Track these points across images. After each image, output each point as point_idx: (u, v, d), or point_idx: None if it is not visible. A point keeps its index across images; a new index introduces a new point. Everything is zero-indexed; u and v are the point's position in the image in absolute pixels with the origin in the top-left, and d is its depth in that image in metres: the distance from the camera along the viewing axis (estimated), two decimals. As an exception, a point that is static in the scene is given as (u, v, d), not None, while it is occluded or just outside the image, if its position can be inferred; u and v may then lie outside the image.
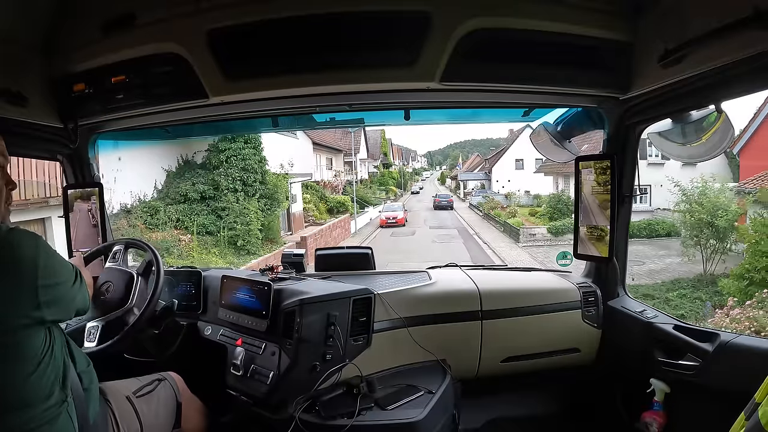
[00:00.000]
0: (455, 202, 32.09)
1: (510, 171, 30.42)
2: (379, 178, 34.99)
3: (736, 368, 1.38)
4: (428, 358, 1.78)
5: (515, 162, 30.36)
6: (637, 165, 1.82)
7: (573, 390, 2.08)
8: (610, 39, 1.42)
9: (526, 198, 24.84)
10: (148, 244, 1.69)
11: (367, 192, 25.48)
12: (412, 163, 75.52)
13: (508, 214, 19.28)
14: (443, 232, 17.98)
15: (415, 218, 22.80)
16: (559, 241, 13.98)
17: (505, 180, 29.95)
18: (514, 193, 25.89)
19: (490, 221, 20.01)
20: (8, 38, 1.37)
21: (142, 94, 1.52)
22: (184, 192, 10.05)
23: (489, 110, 1.99)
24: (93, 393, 1.18)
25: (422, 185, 56.83)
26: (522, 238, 14.82)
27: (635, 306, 1.89)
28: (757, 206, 6.85)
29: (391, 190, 34.42)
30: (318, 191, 17.30)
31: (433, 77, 1.39)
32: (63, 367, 1.04)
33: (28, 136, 1.64)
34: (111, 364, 1.51)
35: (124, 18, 1.40)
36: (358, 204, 19.62)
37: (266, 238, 10.97)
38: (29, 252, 0.97)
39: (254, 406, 1.59)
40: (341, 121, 2.13)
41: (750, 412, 0.88)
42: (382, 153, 37.05)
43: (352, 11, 1.32)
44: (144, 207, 9.41)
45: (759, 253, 5.76)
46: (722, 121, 1.37)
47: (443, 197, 32.47)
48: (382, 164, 38.10)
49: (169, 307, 1.63)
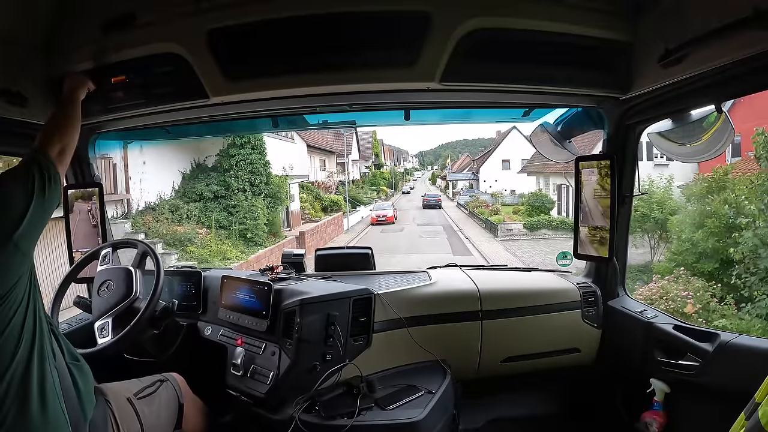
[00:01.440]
0: (444, 201, 33.01)
1: (497, 171, 31.22)
2: (370, 178, 35.85)
3: (736, 368, 1.38)
4: (428, 358, 1.78)
5: (502, 162, 31.21)
6: (637, 165, 1.82)
7: (573, 390, 2.08)
8: (610, 39, 1.42)
9: (512, 197, 25.58)
10: (140, 240, 1.71)
11: (359, 192, 26.58)
12: (403, 163, 76.12)
13: (491, 212, 20.42)
14: (429, 228, 19.13)
15: (404, 216, 23.87)
16: (534, 235, 15.24)
17: (492, 180, 30.81)
18: (500, 193, 26.80)
19: (475, 219, 21.17)
20: (8, 38, 1.37)
21: (142, 94, 1.52)
22: (199, 192, 11.47)
23: (489, 110, 1.99)
24: (88, 391, 1.17)
25: (413, 185, 57.21)
26: (500, 233, 16.07)
27: (635, 306, 1.89)
28: (689, 202, 7.78)
29: (382, 190, 35.21)
30: (313, 191, 18.36)
31: (433, 77, 1.39)
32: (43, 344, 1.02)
33: (28, 136, 1.63)
34: (111, 364, 1.51)
35: (124, 18, 1.39)
36: (350, 203, 20.78)
37: (270, 232, 12.29)
38: None
39: (254, 406, 1.59)
40: (334, 123, 2.12)
41: (750, 412, 0.88)
42: (373, 154, 37.93)
43: (352, 11, 1.32)
44: (165, 205, 10.69)
45: (681, 240, 7.12)
46: (722, 121, 1.37)
47: (432, 196, 33.33)
48: (373, 165, 38.88)
49: (169, 307, 1.63)
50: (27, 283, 1.03)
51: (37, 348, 1.02)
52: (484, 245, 14.77)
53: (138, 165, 9.85)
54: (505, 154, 31.02)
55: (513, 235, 15.57)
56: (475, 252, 14.08)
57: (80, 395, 1.13)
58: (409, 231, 18.63)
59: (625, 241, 1.92)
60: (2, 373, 0.95)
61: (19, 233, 0.98)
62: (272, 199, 12.46)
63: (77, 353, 1.21)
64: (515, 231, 15.88)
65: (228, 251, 10.22)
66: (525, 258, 12.48)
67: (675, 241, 7.89)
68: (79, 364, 1.19)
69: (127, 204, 9.68)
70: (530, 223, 15.94)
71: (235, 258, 10.09)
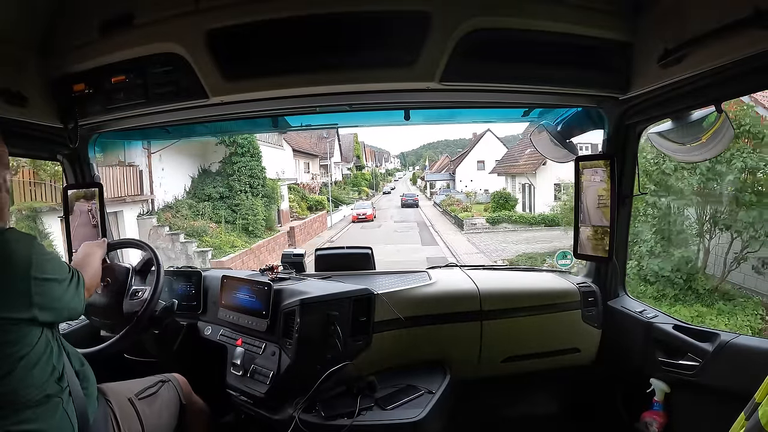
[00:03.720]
0: (422, 201, 34.84)
1: (472, 171, 33.02)
2: (352, 179, 37.52)
3: (736, 368, 1.38)
4: (428, 358, 1.78)
5: (477, 163, 33.12)
6: (637, 165, 1.82)
7: (573, 390, 2.08)
8: (610, 39, 1.42)
9: (485, 196, 27.12)
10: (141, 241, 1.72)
11: (341, 192, 28.72)
12: (385, 164, 77.15)
13: (462, 209, 22.86)
14: (404, 224, 21.83)
15: (383, 215, 26.20)
16: (495, 229, 17.84)
17: (468, 180, 32.54)
18: (473, 192, 28.66)
19: (447, 216, 23.56)
20: (7, 38, 1.37)
21: (142, 94, 1.52)
22: (207, 193, 13.67)
23: (489, 110, 1.99)
24: (90, 393, 1.18)
25: (394, 186, 58.06)
26: (465, 227, 18.57)
27: (635, 306, 1.88)
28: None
29: (363, 190, 36.75)
30: (299, 192, 20.66)
31: (433, 77, 1.39)
32: (58, 366, 1.05)
33: (28, 136, 1.63)
34: (112, 364, 1.52)
35: (123, 18, 1.39)
36: (333, 203, 23.08)
37: (267, 227, 14.54)
38: (23, 251, 0.98)
39: (254, 406, 1.59)
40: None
41: (750, 412, 0.88)
42: (355, 156, 39.47)
43: (352, 11, 1.32)
44: (183, 204, 12.82)
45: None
46: (722, 121, 1.37)
47: (409, 196, 34.94)
48: (355, 166, 40.39)
49: (169, 307, 1.63)
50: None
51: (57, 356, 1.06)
52: (449, 237, 17.08)
53: (158, 171, 11.94)
54: (480, 155, 32.94)
55: (477, 229, 18.05)
56: (440, 242, 16.31)
57: (85, 397, 1.14)
58: (386, 227, 20.96)
59: (625, 241, 1.92)
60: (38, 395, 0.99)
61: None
62: (268, 199, 14.62)
63: (82, 357, 1.22)
64: (479, 225, 18.45)
65: (235, 241, 12.41)
66: (481, 245, 14.95)
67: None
68: (84, 368, 1.20)
69: (151, 203, 11.58)
70: (492, 218, 18.57)
71: (241, 246, 12.17)
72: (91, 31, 1.44)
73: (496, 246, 14.70)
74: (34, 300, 0.97)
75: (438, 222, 22.43)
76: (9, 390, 0.95)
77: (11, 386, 0.95)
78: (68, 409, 1.05)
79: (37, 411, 0.98)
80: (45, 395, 0.99)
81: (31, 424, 0.96)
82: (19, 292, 0.96)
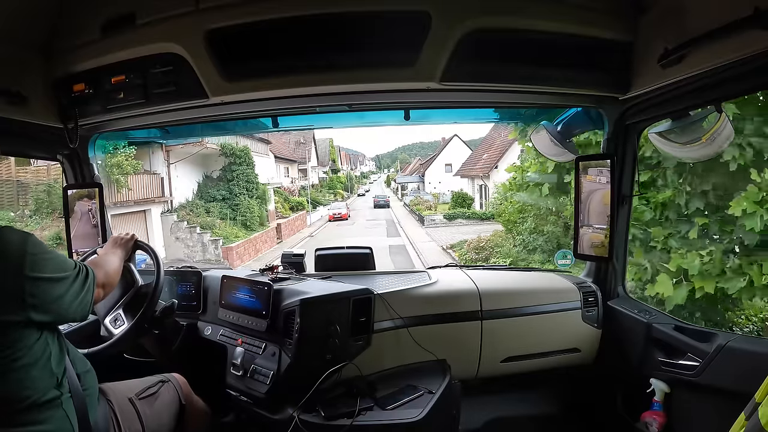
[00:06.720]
0: (393, 202, 37.41)
1: (441, 174, 34.85)
2: (328, 182, 39.98)
3: (736, 368, 1.38)
4: (428, 358, 1.78)
5: (445, 166, 35.04)
6: (636, 165, 1.82)
7: (573, 390, 2.09)
8: (610, 39, 1.42)
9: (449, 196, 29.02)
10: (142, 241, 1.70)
11: (318, 195, 31.97)
12: (360, 167, 78.34)
13: (426, 208, 25.79)
14: (374, 222, 25.36)
15: (357, 215, 29.34)
16: (451, 224, 20.29)
17: (437, 182, 34.27)
18: (440, 193, 30.72)
19: (413, 214, 26.95)
20: (8, 38, 1.37)
21: (142, 94, 1.52)
22: (213, 195, 16.43)
23: (489, 110, 1.99)
24: (92, 395, 1.18)
25: (368, 188, 58.92)
26: (426, 222, 21.59)
27: (635, 306, 1.89)
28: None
29: (338, 193, 39.05)
30: (282, 194, 23.52)
31: (433, 77, 1.39)
32: (58, 369, 1.03)
33: (28, 136, 1.64)
34: (112, 364, 1.51)
35: (124, 18, 1.40)
36: (312, 204, 26.55)
37: (259, 223, 17.52)
38: (16, 250, 0.95)
39: (254, 406, 1.59)
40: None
41: (750, 412, 0.88)
42: (330, 160, 42.22)
43: (352, 11, 1.32)
44: (193, 204, 15.57)
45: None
46: (722, 121, 1.37)
47: (381, 197, 37.08)
48: (331, 170, 43.07)
49: (169, 307, 1.63)
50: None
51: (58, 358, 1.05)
52: (411, 230, 20.44)
53: (174, 177, 14.60)
54: (447, 158, 35.07)
55: (435, 224, 21.01)
56: (402, 234, 19.65)
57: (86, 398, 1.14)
58: (359, 224, 24.30)
59: (625, 241, 1.92)
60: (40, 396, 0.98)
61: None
62: (260, 200, 17.54)
63: (84, 358, 1.21)
64: (437, 220, 21.41)
65: (237, 233, 15.54)
66: (436, 236, 17.30)
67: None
68: (87, 370, 1.19)
69: (170, 203, 14.29)
70: (448, 214, 21.55)
71: (242, 237, 15.19)
72: (93, 32, 1.44)
73: (448, 237, 16.74)
74: (27, 301, 0.94)
75: (404, 219, 25.83)
76: (5, 393, 0.93)
77: (7, 389, 0.93)
78: (68, 410, 1.04)
79: (35, 413, 0.97)
80: (44, 398, 0.98)
81: (29, 427, 0.96)
82: (9, 294, 0.93)
